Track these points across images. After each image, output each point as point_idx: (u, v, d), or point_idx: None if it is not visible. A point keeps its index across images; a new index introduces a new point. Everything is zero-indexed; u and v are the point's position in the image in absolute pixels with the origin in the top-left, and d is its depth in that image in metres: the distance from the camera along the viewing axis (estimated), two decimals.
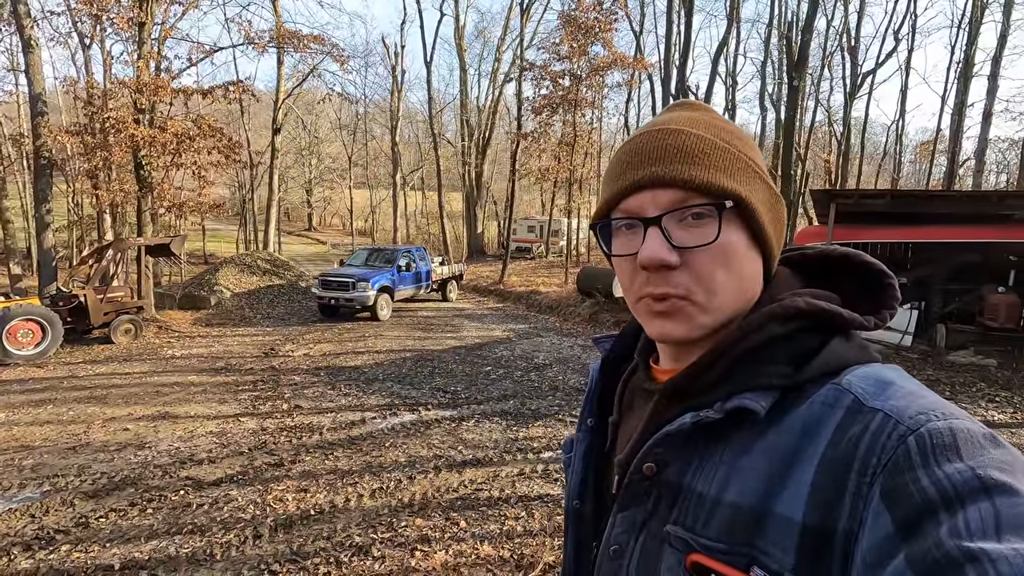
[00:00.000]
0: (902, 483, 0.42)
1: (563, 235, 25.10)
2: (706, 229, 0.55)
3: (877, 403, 0.47)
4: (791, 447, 0.49)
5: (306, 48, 17.55)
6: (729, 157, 0.57)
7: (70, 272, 10.80)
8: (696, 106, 0.64)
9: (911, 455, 0.43)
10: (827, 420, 0.48)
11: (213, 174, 15.00)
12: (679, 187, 0.55)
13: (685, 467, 0.55)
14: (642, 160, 0.57)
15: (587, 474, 0.71)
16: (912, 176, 39.01)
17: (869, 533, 0.42)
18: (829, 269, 0.63)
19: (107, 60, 15.01)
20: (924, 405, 0.46)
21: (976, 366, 7.89)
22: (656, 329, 0.59)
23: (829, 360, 0.53)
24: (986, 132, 18.31)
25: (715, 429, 0.53)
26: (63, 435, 5.38)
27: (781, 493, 0.48)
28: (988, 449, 0.42)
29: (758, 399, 0.51)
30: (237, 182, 31.35)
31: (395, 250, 14.18)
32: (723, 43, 19.65)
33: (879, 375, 0.51)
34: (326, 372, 7.88)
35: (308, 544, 3.48)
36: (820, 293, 0.58)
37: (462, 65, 29.64)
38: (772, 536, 0.47)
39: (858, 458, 0.45)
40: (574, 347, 9.80)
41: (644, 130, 0.60)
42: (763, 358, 0.54)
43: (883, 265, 0.60)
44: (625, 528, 0.59)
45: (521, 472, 4.55)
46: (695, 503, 0.53)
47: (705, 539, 0.51)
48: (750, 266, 0.58)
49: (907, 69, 23.39)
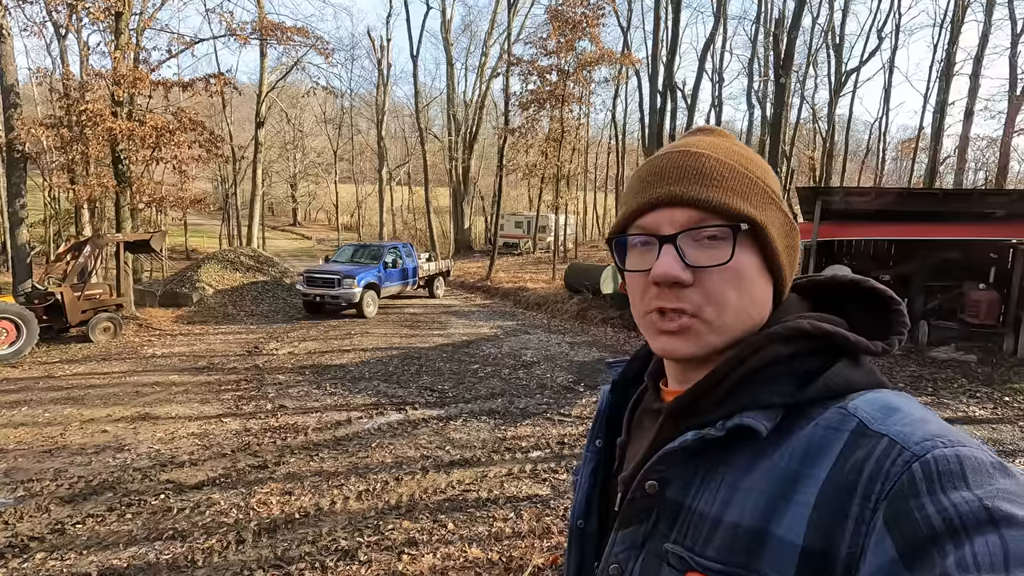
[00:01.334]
0: (906, 510, 0.41)
1: (550, 231, 25.11)
2: (720, 250, 0.56)
3: (883, 428, 0.47)
4: (793, 469, 0.49)
5: (290, 40, 17.22)
6: (747, 182, 0.58)
7: (46, 269, 10.52)
8: (716, 132, 0.66)
9: (916, 482, 0.42)
10: (831, 443, 0.48)
11: (194, 168, 14.68)
12: (696, 207, 0.57)
13: (687, 486, 0.55)
14: (661, 179, 0.59)
15: (592, 493, 0.72)
16: (894, 173, 39.59)
17: (871, 559, 0.41)
18: (838, 295, 0.64)
19: (83, 51, 14.60)
20: (931, 431, 0.45)
21: (957, 362, 8.01)
22: (661, 345, 0.60)
23: (834, 381, 0.53)
24: (967, 130, 18.63)
25: (718, 448, 0.54)
26: (38, 438, 5.23)
27: (782, 515, 0.48)
28: (996, 478, 0.42)
29: (760, 419, 0.52)
30: (219, 176, 30.86)
31: (381, 246, 14.05)
32: (710, 40, 19.71)
33: (886, 400, 0.50)
34: (311, 371, 7.78)
35: (293, 548, 3.42)
36: (826, 317, 0.59)
37: (449, 59, 29.44)
38: (771, 558, 0.47)
39: (862, 483, 0.45)
40: (562, 344, 9.78)
41: (665, 151, 0.62)
42: (766, 378, 0.54)
43: (891, 292, 0.61)
44: (626, 546, 0.59)
45: (510, 472, 4.52)
46: (695, 522, 0.53)
47: (703, 558, 0.51)
48: (761, 289, 0.59)
49: (890, 67, 23.76)
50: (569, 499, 4.08)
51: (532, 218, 26.86)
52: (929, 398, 6.59)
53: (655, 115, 16.95)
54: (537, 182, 21.64)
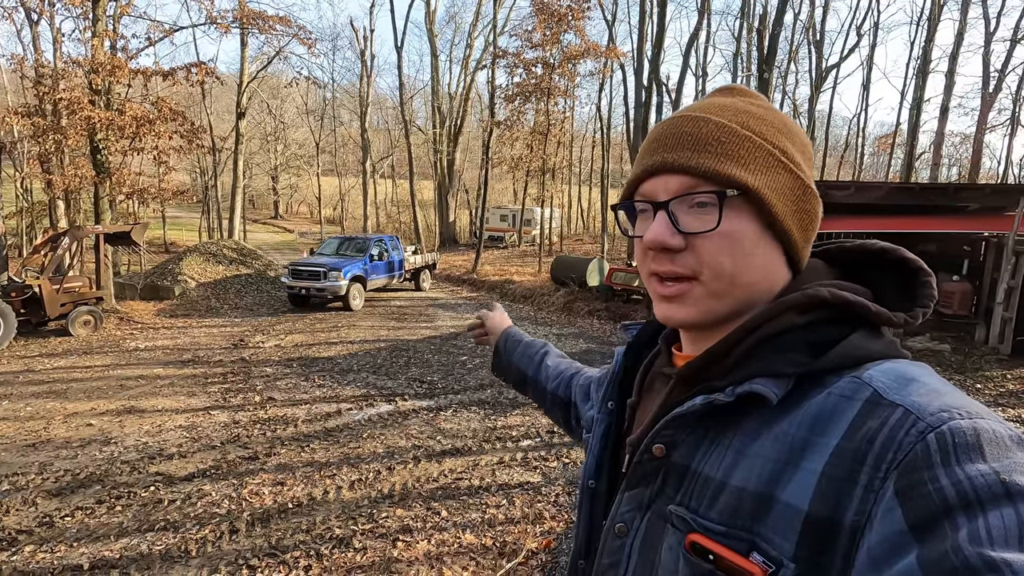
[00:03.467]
0: (919, 481, 0.40)
1: (536, 224, 25.13)
2: (709, 216, 0.55)
3: (897, 398, 0.46)
4: (802, 436, 0.49)
5: (271, 30, 16.92)
6: (748, 145, 0.57)
7: (23, 261, 10.26)
8: (737, 91, 0.65)
9: (930, 453, 0.41)
10: (844, 412, 0.48)
11: (174, 159, 14.40)
12: (687, 174, 0.56)
13: (694, 450, 0.55)
14: (658, 146, 0.59)
15: (603, 454, 0.72)
16: (872, 168, 40.35)
17: (878, 528, 0.41)
18: (866, 263, 0.62)
19: (57, 37, 14.22)
20: (948, 403, 0.44)
21: (932, 351, 8.25)
22: (662, 311, 0.60)
23: (850, 351, 0.52)
24: (943, 127, 19.03)
25: (726, 414, 0.54)
26: (21, 431, 5.14)
27: (788, 481, 0.47)
28: (1015, 452, 0.41)
29: (770, 386, 0.51)
30: (199, 168, 30.28)
31: (367, 239, 13.96)
32: (694, 34, 19.82)
33: (903, 370, 0.49)
34: (299, 363, 7.74)
35: (287, 537, 3.43)
36: (847, 285, 0.57)
37: (433, 51, 29.15)
38: (774, 523, 0.47)
39: (873, 452, 0.44)
40: (549, 336, 9.84)
41: (672, 116, 0.62)
42: (780, 346, 0.53)
43: (921, 262, 0.58)
44: (632, 507, 0.60)
45: (501, 460, 4.57)
46: (701, 485, 0.53)
47: (706, 520, 0.51)
48: (764, 256, 0.57)
49: (869, 64, 24.12)
50: (560, 486, 4.15)
51: (517, 211, 26.86)
52: None
53: (640, 109, 17.03)
54: (522, 175, 21.67)
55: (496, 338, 1.22)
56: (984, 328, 8.56)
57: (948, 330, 9.04)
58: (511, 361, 1.17)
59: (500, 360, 1.19)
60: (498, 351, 1.20)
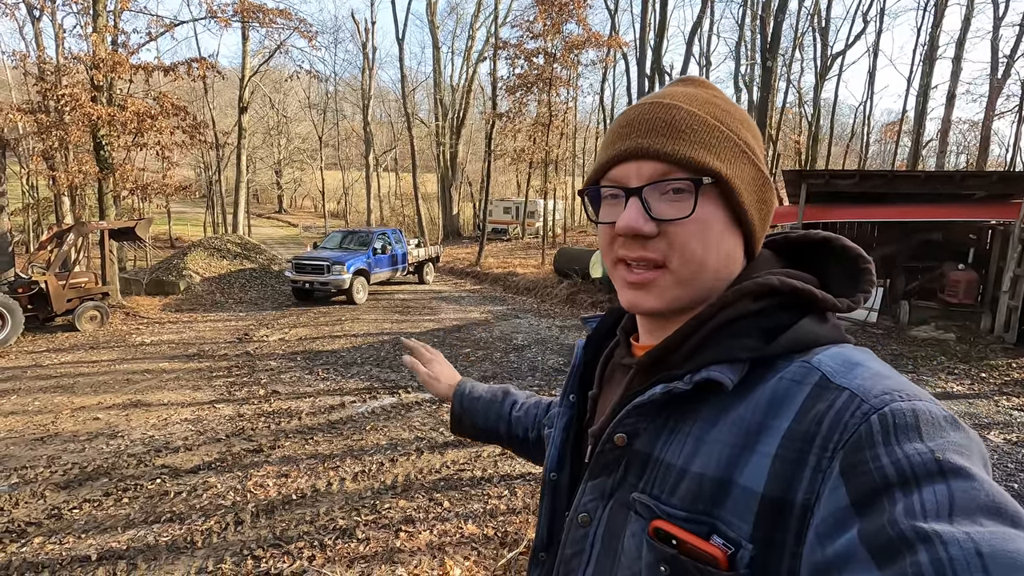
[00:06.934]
0: (862, 460, 0.43)
1: (539, 216, 25.08)
2: (684, 203, 0.56)
3: (844, 381, 0.48)
4: (757, 421, 0.50)
5: (272, 23, 16.87)
6: (717, 135, 0.58)
7: (29, 257, 10.33)
8: (697, 82, 0.65)
9: (873, 433, 0.43)
10: (794, 396, 0.49)
11: (178, 155, 14.45)
12: (661, 160, 0.56)
13: (655, 438, 0.56)
14: (631, 132, 0.59)
15: (565, 447, 0.73)
16: (878, 156, 39.98)
17: (825, 505, 0.43)
18: (810, 252, 0.65)
19: (59, 34, 14.22)
20: (890, 386, 0.47)
21: (937, 340, 8.22)
22: (627, 299, 0.61)
23: (800, 336, 0.54)
24: (949, 114, 18.80)
25: (685, 401, 0.55)
26: (29, 426, 5.21)
27: (745, 465, 0.49)
28: (948, 432, 0.43)
29: (726, 372, 0.52)
30: (203, 163, 30.33)
31: (370, 232, 13.97)
32: (697, 23, 19.64)
33: (848, 355, 0.52)
34: (303, 357, 7.78)
35: (291, 528, 3.47)
36: (795, 273, 0.59)
37: (435, 43, 29.02)
38: (732, 506, 0.49)
39: (821, 434, 0.46)
40: (552, 328, 9.86)
41: (640, 102, 0.62)
42: (734, 332, 0.55)
43: (861, 250, 0.62)
44: (594, 496, 0.61)
45: (503, 452, 4.59)
46: (662, 472, 0.54)
47: (668, 506, 0.52)
48: (728, 244, 0.59)
49: (875, 51, 23.79)
50: None
51: (521, 204, 26.80)
52: (909, 375, 6.77)
53: None
54: (525, 167, 21.60)
55: (447, 393, 1.13)
56: (990, 317, 8.51)
57: (954, 319, 8.99)
58: (475, 423, 1.09)
59: (463, 424, 1.11)
60: (456, 414, 1.11)
